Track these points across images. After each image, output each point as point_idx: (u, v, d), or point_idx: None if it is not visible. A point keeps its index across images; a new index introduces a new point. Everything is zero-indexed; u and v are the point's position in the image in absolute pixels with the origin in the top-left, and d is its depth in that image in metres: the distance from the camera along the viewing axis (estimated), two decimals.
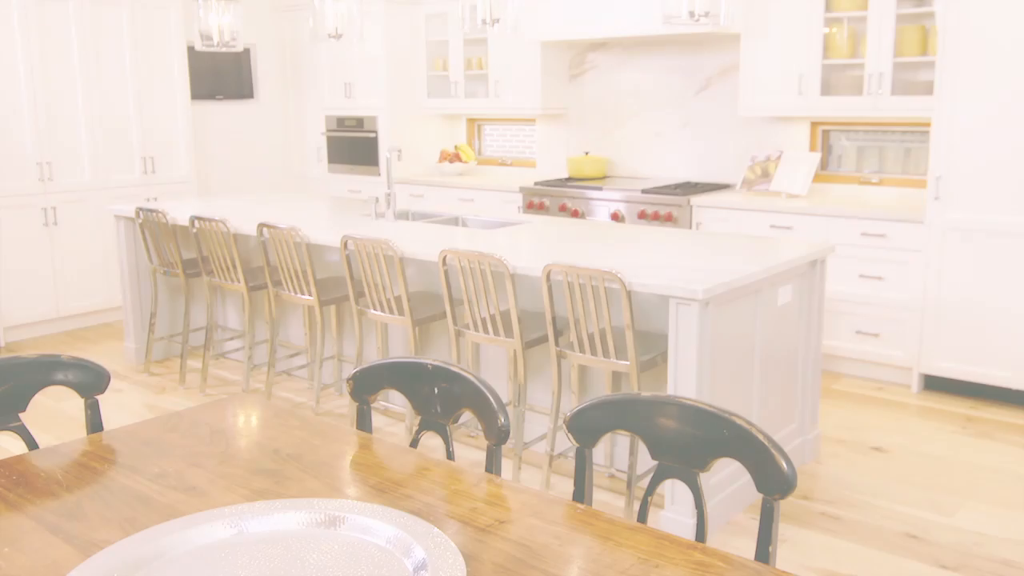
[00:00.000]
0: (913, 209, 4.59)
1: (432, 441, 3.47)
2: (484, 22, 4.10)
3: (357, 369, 2.09)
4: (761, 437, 1.54)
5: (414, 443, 2.05)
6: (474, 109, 6.62)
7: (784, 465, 1.50)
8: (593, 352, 3.18)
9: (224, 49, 4.92)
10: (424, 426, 2.03)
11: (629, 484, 3.18)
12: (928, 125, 4.78)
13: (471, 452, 3.85)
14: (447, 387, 1.96)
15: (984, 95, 4.18)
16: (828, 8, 4.90)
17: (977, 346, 4.34)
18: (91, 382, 2.11)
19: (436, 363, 1.99)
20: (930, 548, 3.04)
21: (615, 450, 3.61)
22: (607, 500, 3.41)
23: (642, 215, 5.38)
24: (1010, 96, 4.11)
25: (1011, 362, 4.25)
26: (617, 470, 3.56)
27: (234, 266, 4.43)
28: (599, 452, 3.62)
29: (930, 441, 3.95)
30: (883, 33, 4.72)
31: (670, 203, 5.26)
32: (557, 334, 3.31)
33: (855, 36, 4.94)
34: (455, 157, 6.84)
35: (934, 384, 4.57)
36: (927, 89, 4.63)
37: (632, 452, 3.19)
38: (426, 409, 2.02)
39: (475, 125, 7.11)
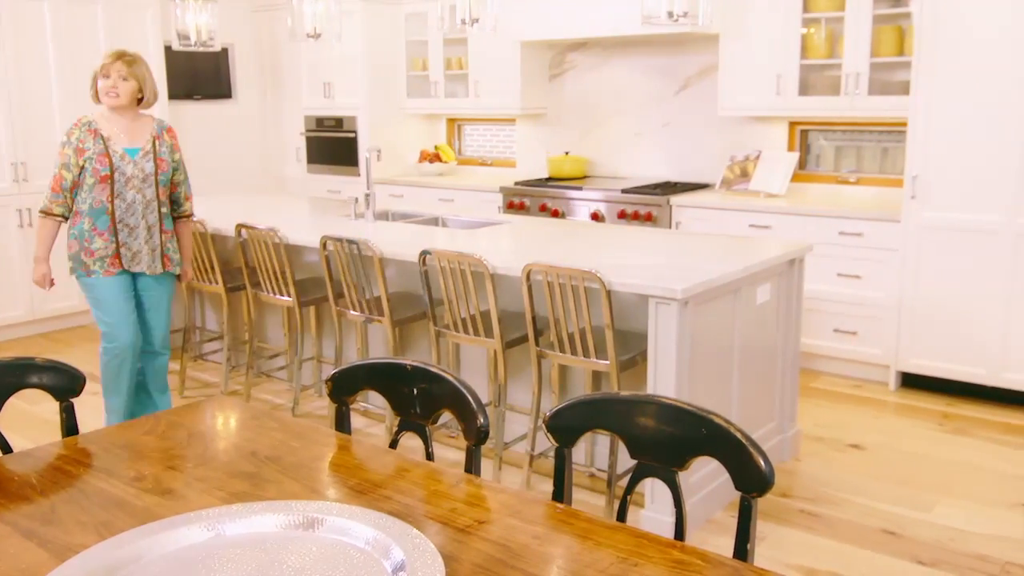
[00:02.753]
0: (890, 208, 4.62)
1: (412, 442, 3.46)
2: (463, 22, 4.09)
3: (336, 370, 2.08)
4: (739, 435, 1.54)
5: (393, 444, 2.04)
6: (454, 109, 6.61)
7: (761, 463, 1.51)
8: (573, 352, 3.18)
9: (202, 49, 4.89)
10: (403, 427, 2.02)
11: (609, 483, 3.19)
12: (904, 125, 4.81)
13: (451, 452, 3.84)
14: (426, 388, 1.95)
15: (959, 95, 4.22)
16: (806, 8, 4.94)
17: (953, 344, 4.39)
18: (66, 385, 2.09)
19: (415, 364, 1.99)
20: (907, 544, 3.07)
21: (595, 449, 3.62)
22: (587, 499, 3.42)
23: (622, 215, 5.39)
24: (984, 96, 4.15)
25: (986, 359, 4.30)
26: (598, 469, 3.57)
27: (212, 267, 4.40)
28: (579, 451, 3.62)
29: (907, 438, 3.99)
30: (860, 33, 4.76)
31: (650, 203, 5.28)
32: (537, 334, 3.31)
33: (832, 36, 4.98)
34: (435, 157, 6.82)
35: (911, 381, 4.61)
36: (903, 89, 4.66)
37: (612, 451, 3.19)
38: (405, 410, 2.01)
39: (455, 125, 7.10)
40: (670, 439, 1.66)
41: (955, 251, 4.33)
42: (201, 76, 7.09)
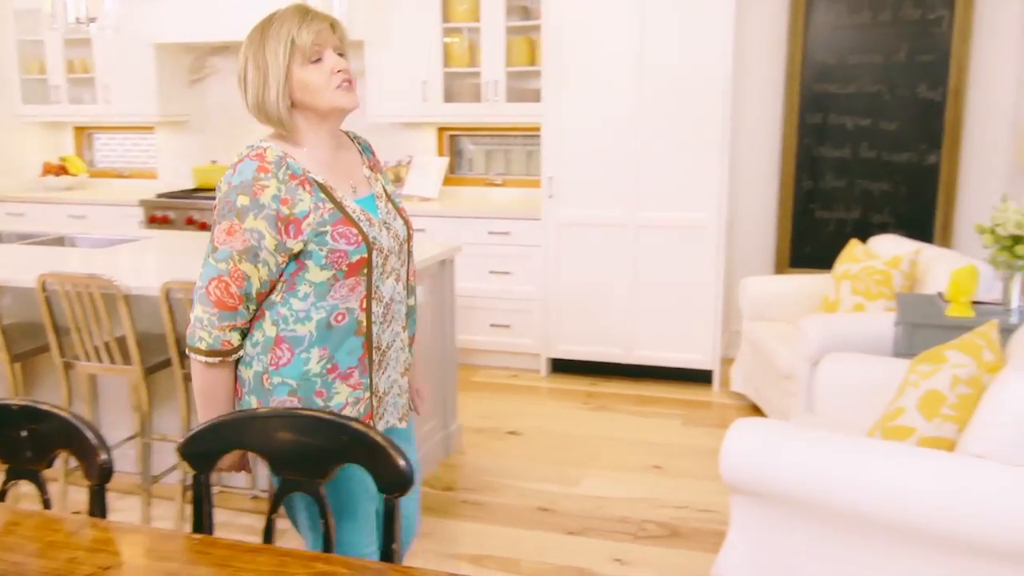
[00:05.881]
0: (533, 207, 4.95)
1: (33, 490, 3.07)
2: (78, 21, 3.72)
3: None
4: (378, 438, 1.54)
5: (1, 496, 1.78)
6: (81, 116, 6.01)
7: (400, 462, 1.51)
8: None
9: None
10: (14, 475, 1.77)
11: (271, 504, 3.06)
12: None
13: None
14: (36, 428, 1.72)
15: (584, 102, 4.63)
16: (446, 18, 5.13)
17: (593, 328, 4.81)
18: None
19: (22, 403, 1.75)
20: (559, 517, 3.29)
21: (259, 471, 3.46)
22: (251, 523, 3.26)
23: None
24: (606, 103, 4.59)
25: (620, 340, 4.76)
26: (261, 491, 3.42)
27: None
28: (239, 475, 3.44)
29: (558, 419, 4.30)
30: (495, 44, 5.04)
31: None
32: (182, 356, 3.09)
33: (473, 46, 5.23)
34: (61, 170, 6.15)
35: (560, 367, 4.98)
36: (537, 96, 5.01)
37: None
38: (15, 455, 1.76)
39: (84, 134, 6.45)
40: (312, 450, 1.61)
41: (588, 244, 4.74)
42: None
